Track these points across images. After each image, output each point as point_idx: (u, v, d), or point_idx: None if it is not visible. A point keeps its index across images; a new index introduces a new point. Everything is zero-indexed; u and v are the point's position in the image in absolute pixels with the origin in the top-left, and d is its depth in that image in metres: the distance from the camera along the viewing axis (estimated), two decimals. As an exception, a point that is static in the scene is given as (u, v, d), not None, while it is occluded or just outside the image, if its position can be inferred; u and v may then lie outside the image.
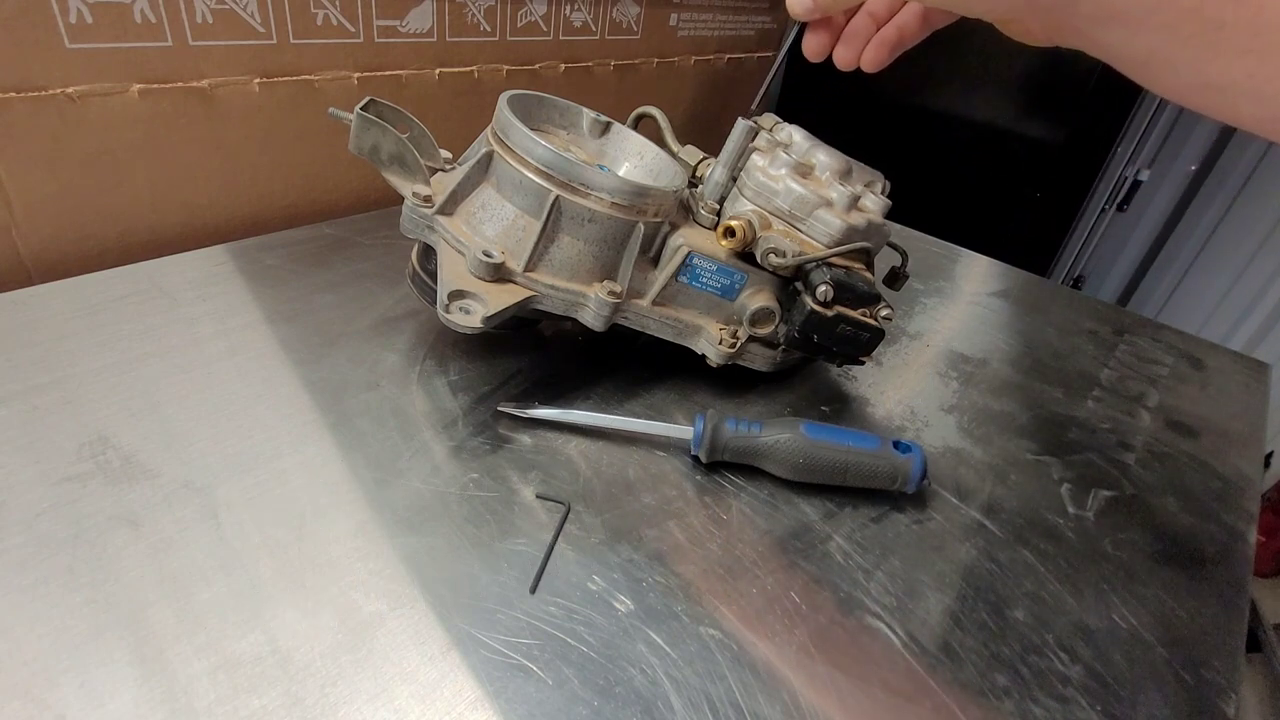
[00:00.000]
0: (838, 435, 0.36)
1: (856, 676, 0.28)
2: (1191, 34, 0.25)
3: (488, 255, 0.35)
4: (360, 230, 0.56)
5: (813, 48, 0.36)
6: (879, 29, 0.36)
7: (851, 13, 0.36)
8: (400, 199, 0.38)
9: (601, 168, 0.40)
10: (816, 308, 0.38)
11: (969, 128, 1.08)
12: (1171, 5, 0.25)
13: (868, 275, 0.41)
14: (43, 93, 0.44)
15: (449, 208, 0.37)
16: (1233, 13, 0.24)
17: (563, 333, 0.47)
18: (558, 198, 0.36)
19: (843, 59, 0.36)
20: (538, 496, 0.34)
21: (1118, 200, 1.16)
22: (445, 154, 0.42)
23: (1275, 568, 1.14)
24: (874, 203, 0.42)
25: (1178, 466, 0.45)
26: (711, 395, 0.43)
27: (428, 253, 0.39)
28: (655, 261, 0.40)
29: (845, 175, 0.42)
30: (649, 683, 0.27)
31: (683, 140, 0.46)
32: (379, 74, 0.59)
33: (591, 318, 0.38)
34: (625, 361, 0.45)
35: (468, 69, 0.65)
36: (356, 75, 0.58)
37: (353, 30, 0.56)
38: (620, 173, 0.44)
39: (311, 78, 0.56)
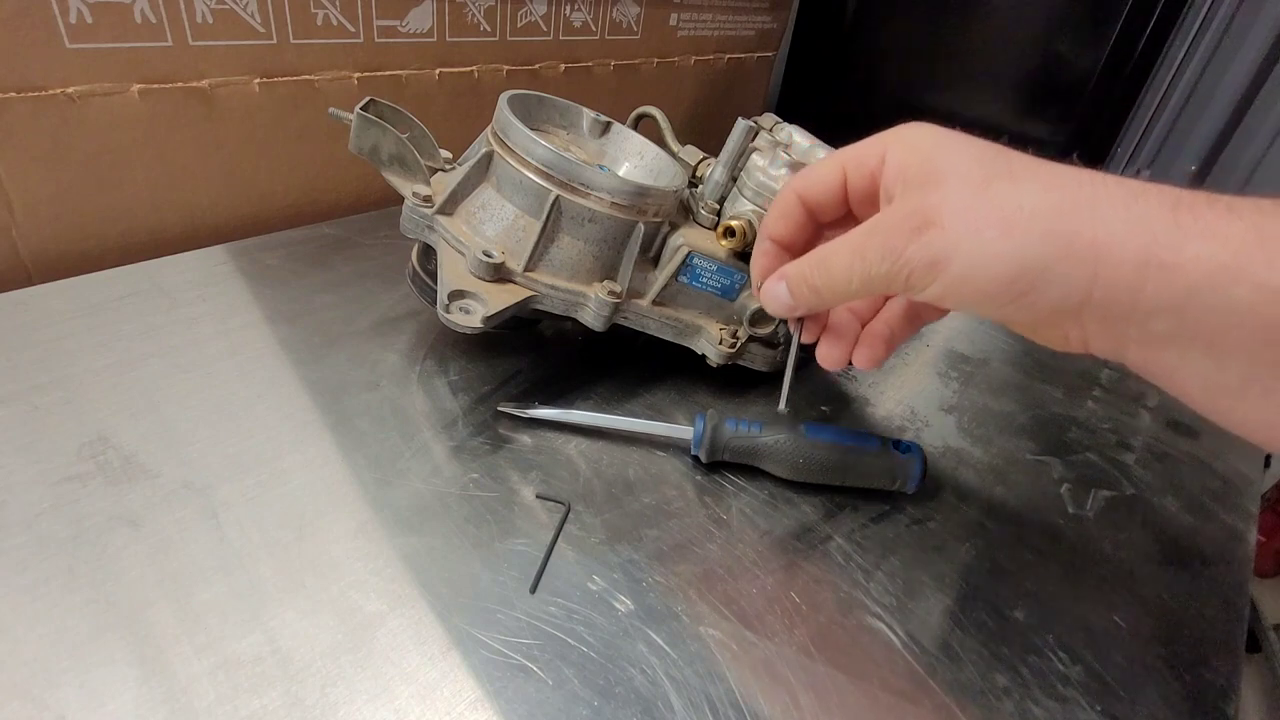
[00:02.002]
0: (838, 435, 0.36)
1: (856, 676, 0.28)
2: None
3: (488, 255, 0.35)
4: (360, 230, 0.56)
5: (804, 337, 0.32)
6: (864, 324, 0.32)
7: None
8: (400, 199, 0.38)
9: (601, 168, 0.40)
10: (816, 308, 0.38)
11: (969, 128, 1.08)
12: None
13: (868, 275, 0.40)
14: (43, 93, 0.44)
15: (449, 208, 0.37)
16: None
17: (563, 333, 0.47)
18: (558, 198, 0.36)
19: (829, 358, 0.32)
20: (538, 496, 0.34)
21: (1118, 200, 1.15)
22: (445, 154, 0.42)
23: (1275, 568, 1.14)
24: (874, 203, 0.42)
25: (1178, 466, 0.45)
26: (711, 395, 0.43)
27: (428, 253, 0.39)
28: (655, 261, 0.40)
29: (845, 175, 0.42)
30: (649, 683, 0.27)
31: (683, 140, 0.46)
32: (379, 74, 0.59)
33: (591, 318, 0.38)
34: (625, 361, 0.45)
35: (468, 69, 0.65)
36: (356, 75, 0.58)
37: (353, 30, 0.56)
38: (620, 173, 0.44)
39: (311, 78, 0.56)
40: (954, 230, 0.23)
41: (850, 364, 0.32)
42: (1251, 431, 0.21)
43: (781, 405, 0.33)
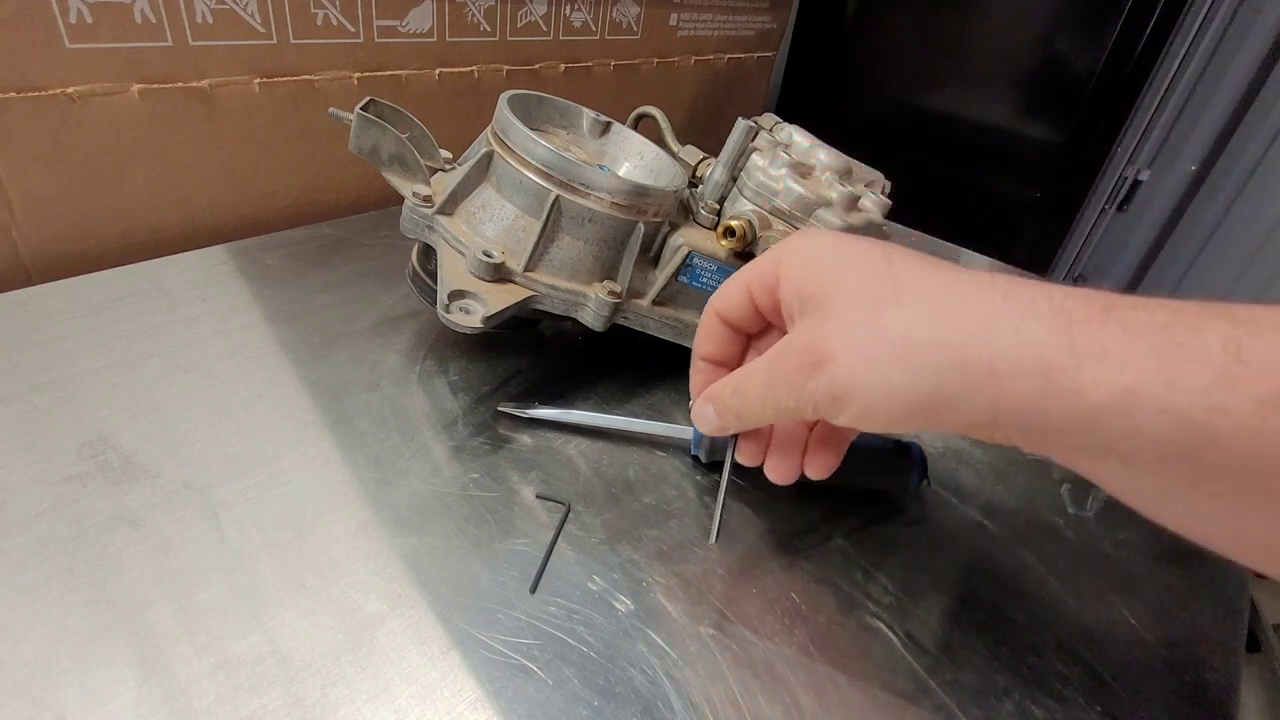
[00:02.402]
0: (838, 435, 0.36)
1: (856, 676, 0.28)
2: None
3: (488, 255, 0.35)
4: (360, 230, 0.56)
5: (746, 456, 0.30)
6: (811, 430, 0.30)
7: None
8: (400, 199, 0.38)
9: (601, 168, 0.40)
10: (816, 308, 0.38)
11: (969, 128, 1.08)
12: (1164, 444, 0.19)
13: (868, 275, 0.40)
14: (43, 93, 0.44)
15: (449, 208, 0.38)
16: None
17: (563, 333, 0.47)
18: (558, 198, 0.36)
19: (778, 472, 0.30)
20: (538, 496, 0.34)
21: (1118, 200, 1.16)
22: (445, 154, 0.42)
23: (1275, 568, 1.14)
24: (874, 203, 0.42)
25: (1178, 466, 0.45)
26: (711, 395, 0.43)
27: (428, 253, 0.39)
28: (655, 261, 0.40)
29: (845, 175, 0.42)
30: (649, 683, 0.27)
31: (683, 140, 0.46)
32: (379, 74, 0.59)
33: (591, 318, 0.38)
34: (625, 361, 0.45)
35: (468, 69, 0.65)
36: (356, 75, 0.58)
37: (353, 30, 0.56)
38: (620, 173, 0.44)
39: (311, 78, 0.56)
40: (848, 366, 0.22)
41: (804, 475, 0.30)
42: (1182, 531, 0.21)
43: (712, 538, 0.31)
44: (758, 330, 0.30)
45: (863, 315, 0.23)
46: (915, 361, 0.21)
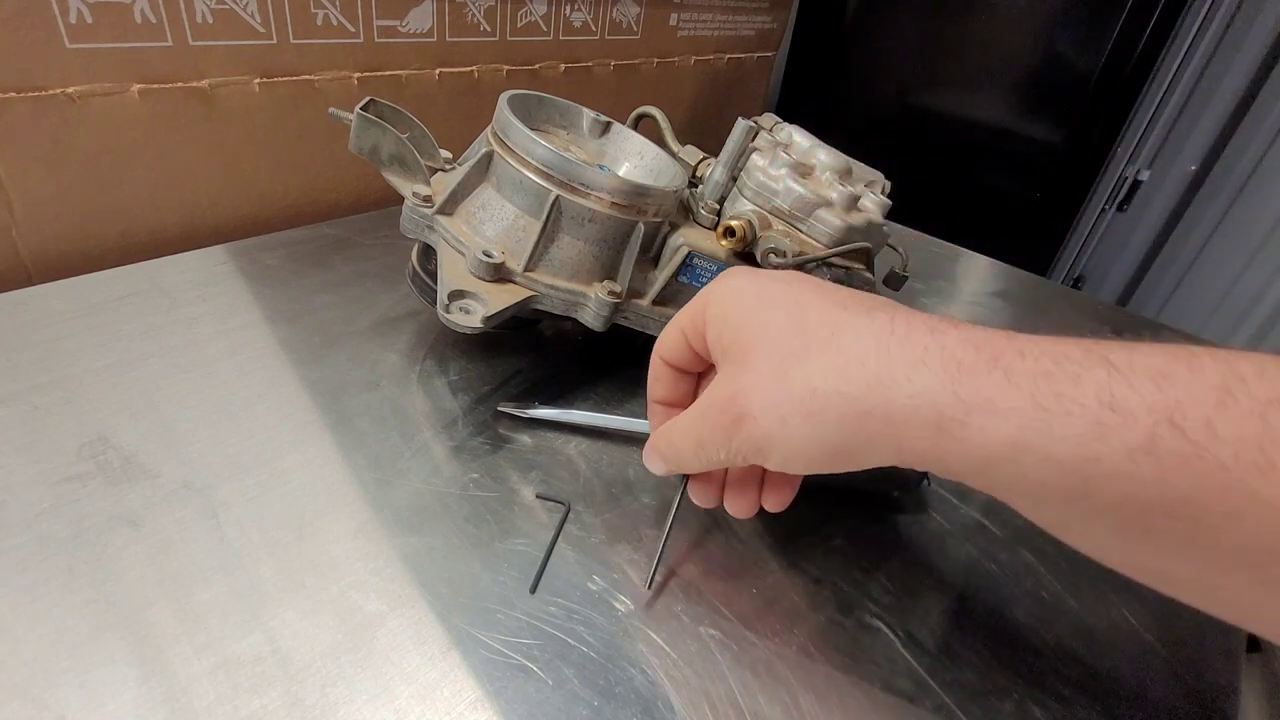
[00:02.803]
0: (838, 435, 0.36)
1: (856, 676, 0.28)
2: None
3: (488, 255, 0.35)
4: (360, 230, 0.56)
5: (699, 498, 0.31)
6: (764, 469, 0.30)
7: None
8: (400, 199, 0.38)
9: (601, 168, 0.40)
10: (816, 308, 0.38)
11: (969, 128, 1.08)
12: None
13: (868, 275, 0.41)
14: (43, 93, 0.44)
15: (449, 208, 0.38)
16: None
17: (563, 333, 0.47)
18: (558, 198, 0.36)
19: (737, 508, 0.30)
20: (538, 496, 0.34)
21: (1118, 200, 1.16)
22: (445, 154, 0.42)
23: (1275, 568, 1.14)
24: (874, 203, 0.42)
25: (1178, 466, 0.45)
26: (711, 395, 0.43)
27: (428, 253, 0.39)
28: (655, 261, 0.40)
29: (845, 175, 0.42)
30: (649, 683, 0.27)
31: (683, 140, 0.46)
32: (379, 74, 0.59)
33: (591, 318, 0.38)
34: (625, 361, 0.45)
35: (468, 69, 0.65)
36: (356, 75, 0.58)
37: (353, 30, 0.56)
38: (620, 173, 0.44)
39: (311, 78, 0.56)
40: (764, 421, 0.24)
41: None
42: (1094, 557, 0.21)
43: (649, 583, 0.30)
44: (702, 369, 0.31)
45: (773, 370, 0.24)
46: (820, 415, 0.23)
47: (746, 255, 0.40)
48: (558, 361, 0.44)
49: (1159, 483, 0.18)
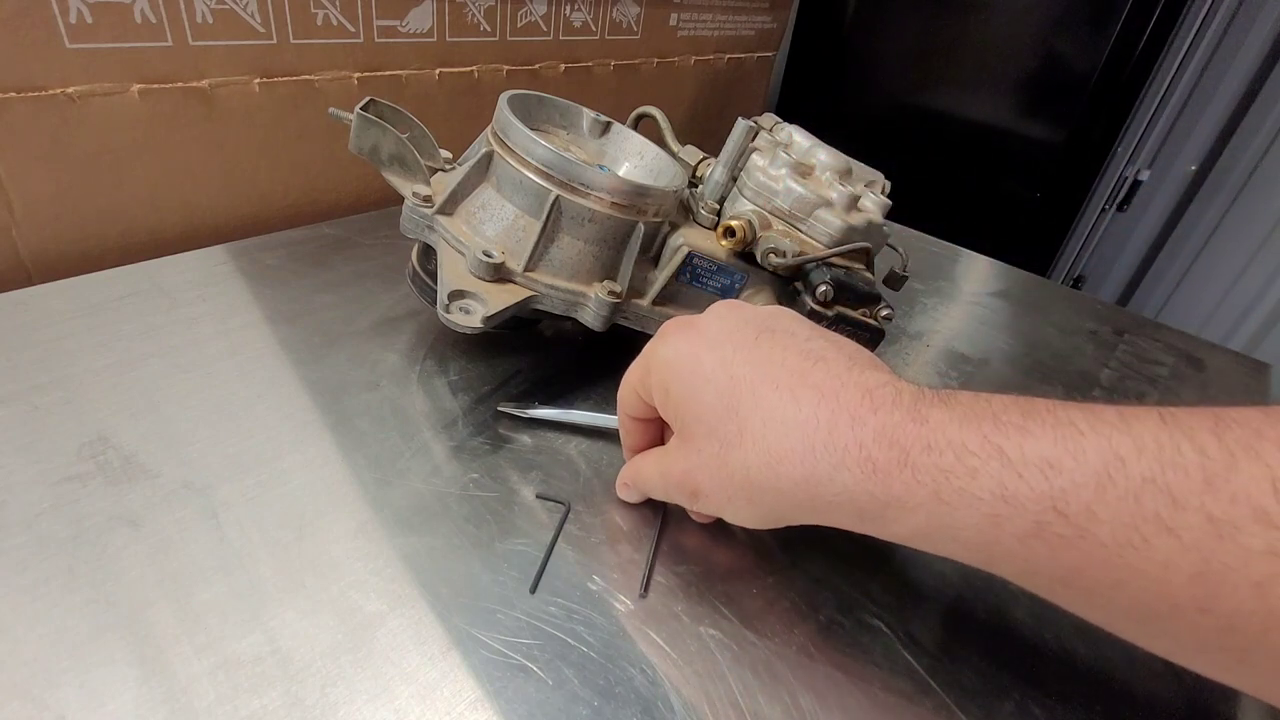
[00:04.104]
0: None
1: (856, 676, 0.28)
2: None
3: (488, 255, 0.35)
4: (360, 230, 0.56)
5: (697, 517, 0.34)
6: None
7: None
8: (400, 199, 0.38)
9: (601, 168, 0.40)
10: (816, 308, 0.38)
11: (969, 128, 1.08)
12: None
13: (868, 275, 0.41)
14: (43, 93, 0.44)
15: (449, 208, 0.38)
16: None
17: (563, 333, 0.47)
18: (558, 198, 0.36)
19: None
20: (538, 496, 0.34)
21: (1118, 200, 1.16)
22: (445, 154, 0.42)
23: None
24: (874, 203, 0.42)
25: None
26: (711, 395, 0.43)
27: (428, 253, 0.39)
28: (655, 261, 0.40)
29: (845, 175, 0.42)
30: (649, 683, 0.27)
31: (683, 140, 0.46)
32: (379, 74, 0.59)
33: (591, 318, 0.38)
34: (625, 361, 0.44)
35: (468, 69, 0.65)
36: (356, 75, 0.58)
37: (353, 30, 0.56)
38: (620, 173, 0.44)
39: (311, 78, 0.56)
40: (714, 498, 0.27)
41: None
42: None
43: (642, 591, 0.30)
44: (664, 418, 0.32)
45: (714, 456, 0.27)
46: (760, 500, 0.26)
47: (747, 255, 0.40)
48: (558, 361, 0.44)
49: (1050, 559, 0.20)
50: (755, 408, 0.25)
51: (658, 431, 0.33)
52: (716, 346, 0.27)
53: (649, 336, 0.40)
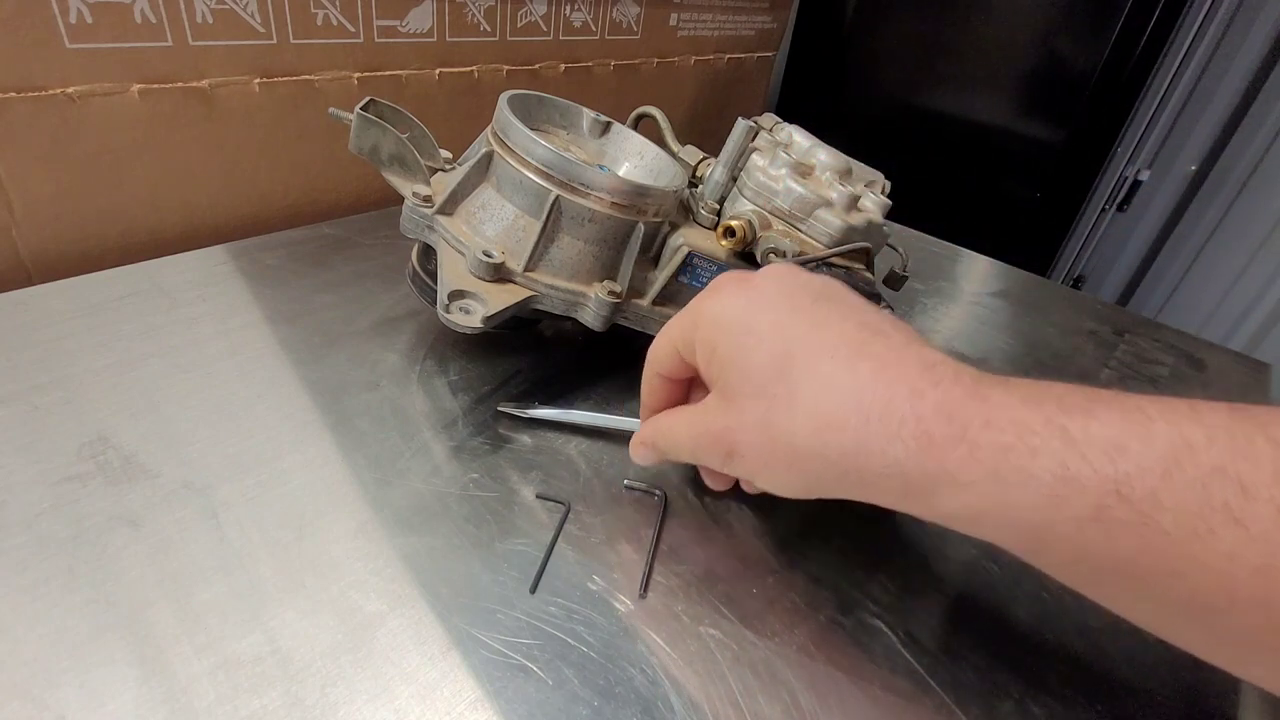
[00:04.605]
0: (838, 435, 0.36)
1: (856, 676, 0.28)
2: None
3: (488, 255, 0.35)
4: (360, 230, 0.56)
5: (714, 483, 0.34)
6: None
7: None
8: (400, 199, 0.38)
9: (601, 168, 0.41)
10: (816, 308, 0.38)
11: (969, 128, 1.08)
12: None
13: (868, 275, 0.41)
14: (43, 93, 0.44)
15: (449, 208, 0.38)
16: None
17: (563, 333, 0.47)
18: (558, 198, 0.36)
19: (748, 488, 0.33)
20: (538, 496, 0.34)
21: (1118, 200, 1.16)
22: (445, 154, 0.42)
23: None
24: (874, 203, 0.42)
25: (1178, 466, 0.45)
26: (711, 395, 0.43)
27: (428, 253, 0.39)
28: (655, 261, 0.40)
29: (845, 175, 0.42)
30: (649, 683, 0.27)
31: (683, 140, 0.46)
32: (379, 74, 0.59)
33: (591, 318, 0.38)
34: (625, 361, 0.45)
35: (468, 69, 0.65)
36: (356, 75, 0.58)
37: (353, 30, 0.56)
38: (620, 173, 0.44)
39: (311, 78, 0.56)
40: (752, 461, 0.26)
41: None
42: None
43: (641, 591, 0.30)
44: (692, 376, 0.31)
45: (759, 418, 0.25)
46: (800, 467, 0.25)
47: (747, 255, 0.40)
48: (558, 361, 0.44)
49: (1107, 546, 0.20)
50: (809, 372, 0.24)
51: (683, 393, 0.32)
52: (772, 307, 0.26)
53: (649, 337, 0.41)
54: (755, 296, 0.27)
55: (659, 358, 0.31)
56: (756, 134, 0.42)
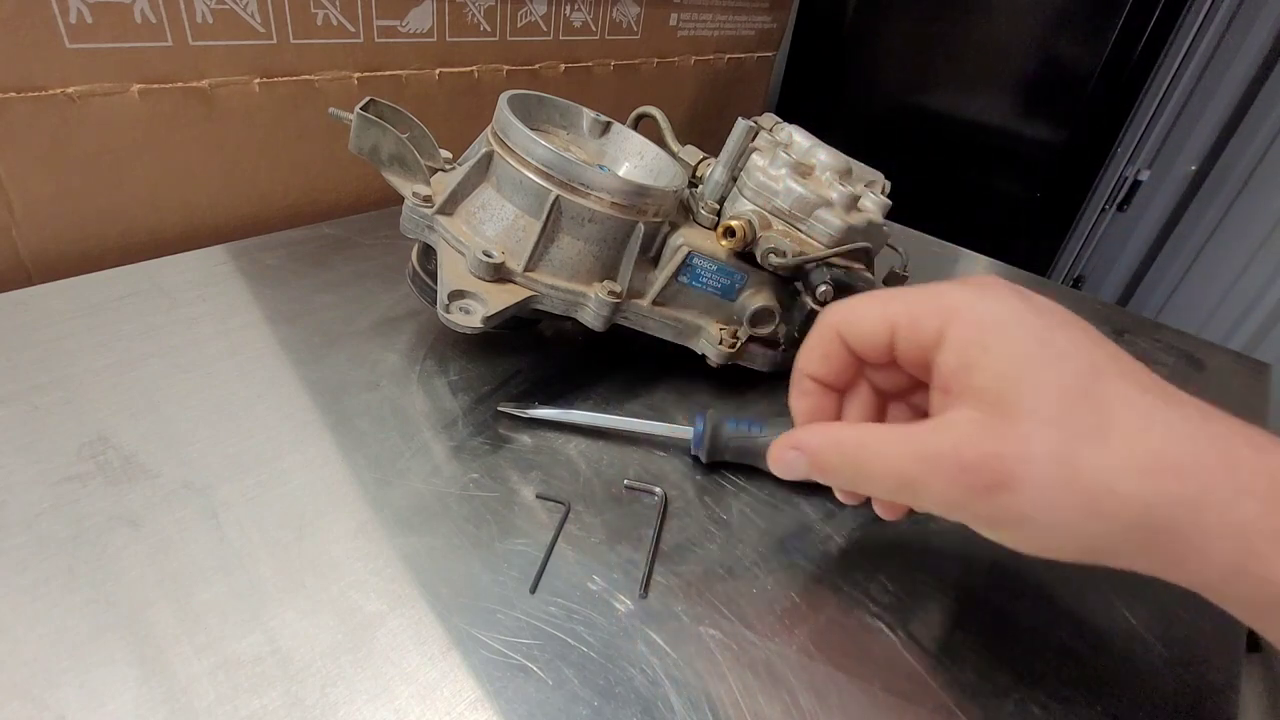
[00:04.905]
0: (838, 435, 0.36)
1: (856, 676, 0.28)
2: None
3: (488, 255, 0.35)
4: (360, 230, 0.56)
5: (848, 498, 0.30)
6: None
7: None
8: (400, 199, 0.38)
9: (601, 168, 0.40)
10: (816, 308, 0.38)
11: (969, 128, 1.08)
12: None
13: (868, 275, 0.40)
14: (43, 93, 0.44)
15: (449, 208, 0.37)
16: None
17: (563, 333, 0.47)
18: (558, 198, 0.36)
19: (890, 512, 0.29)
20: (538, 496, 0.34)
21: (1118, 200, 1.16)
22: (445, 154, 0.42)
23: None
24: (874, 203, 0.42)
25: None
26: (711, 395, 0.43)
27: (428, 253, 0.39)
28: (655, 261, 0.40)
29: (845, 175, 0.42)
30: (649, 683, 0.27)
31: (683, 140, 0.46)
32: (379, 74, 0.59)
33: (591, 318, 0.38)
34: (625, 361, 0.45)
35: (468, 69, 0.65)
36: (356, 75, 0.58)
37: (353, 30, 0.56)
38: (620, 173, 0.44)
39: (311, 78, 0.56)
40: (1030, 502, 0.20)
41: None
42: None
43: (642, 591, 0.30)
44: (879, 364, 0.26)
45: (1056, 446, 0.20)
46: (1108, 518, 0.20)
47: (746, 255, 0.40)
48: (558, 361, 0.44)
49: None
50: (1127, 405, 0.20)
51: (857, 373, 0.27)
52: (1068, 325, 0.22)
53: (649, 337, 0.41)
54: (1042, 306, 0.23)
55: (856, 321, 0.25)
56: (756, 134, 0.42)
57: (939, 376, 0.23)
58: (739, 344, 0.41)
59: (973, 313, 0.23)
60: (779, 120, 0.47)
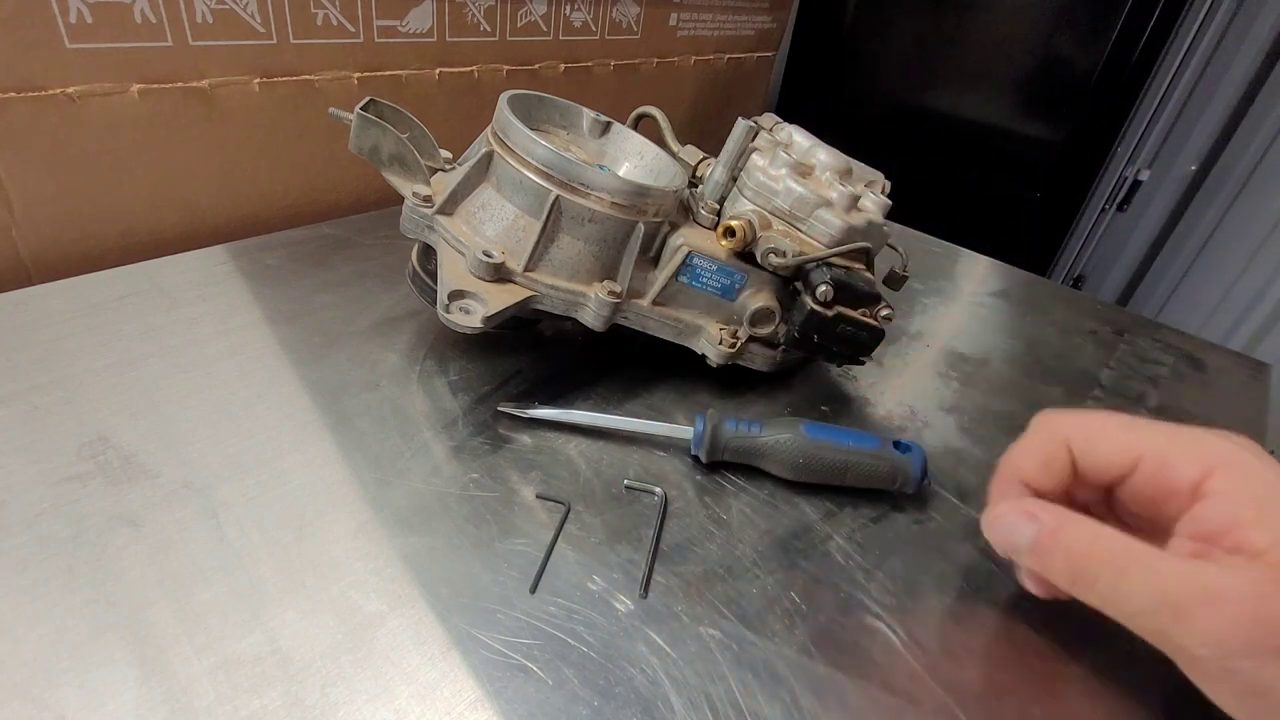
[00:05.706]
0: (838, 435, 0.36)
1: (856, 676, 0.28)
2: None
3: (488, 255, 0.35)
4: (360, 230, 0.56)
5: (1040, 591, 0.29)
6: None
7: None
8: (400, 199, 0.38)
9: (601, 168, 0.40)
10: (816, 308, 0.38)
11: (969, 128, 1.08)
12: None
13: (868, 275, 0.40)
14: (43, 93, 0.44)
15: (449, 208, 0.38)
16: None
17: (563, 333, 0.47)
18: (558, 198, 0.36)
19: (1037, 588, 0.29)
20: (538, 496, 0.34)
21: (1118, 200, 1.16)
22: (445, 154, 0.42)
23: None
24: (874, 203, 0.42)
25: (1178, 466, 0.45)
26: (711, 395, 0.43)
27: (428, 253, 0.39)
28: (655, 261, 0.40)
29: (845, 175, 0.42)
30: (649, 683, 0.27)
31: (683, 140, 0.46)
32: (379, 74, 0.59)
33: (591, 318, 0.38)
34: (625, 361, 0.45)
35: (468, 69, 0.65)
36: (356, 75, 0.58)
37: (353, 30, 0.56)
38: (620, 173, 0.44)
39: (311, 78, 0.56)
40: None
41: None
42: None
43: (642, 592, 0.30)
44: (1099, 485, 0.25)
45: None
46: None
47: (746, 255, 0.40)
48: (558, 361, 0.44)
49: None
50: None
51: (1069, 488, 0.27)
52: None
53: (649, 337, 0.41)
54: None
55: (1092, 443, 0.25)
56: (756, 134, 0.42)
57: (1195, 524, 0.22)
58: (739, 344, 0.41)
59: (1240, 470, 0.22)
60: (779, 120, 0.47)
